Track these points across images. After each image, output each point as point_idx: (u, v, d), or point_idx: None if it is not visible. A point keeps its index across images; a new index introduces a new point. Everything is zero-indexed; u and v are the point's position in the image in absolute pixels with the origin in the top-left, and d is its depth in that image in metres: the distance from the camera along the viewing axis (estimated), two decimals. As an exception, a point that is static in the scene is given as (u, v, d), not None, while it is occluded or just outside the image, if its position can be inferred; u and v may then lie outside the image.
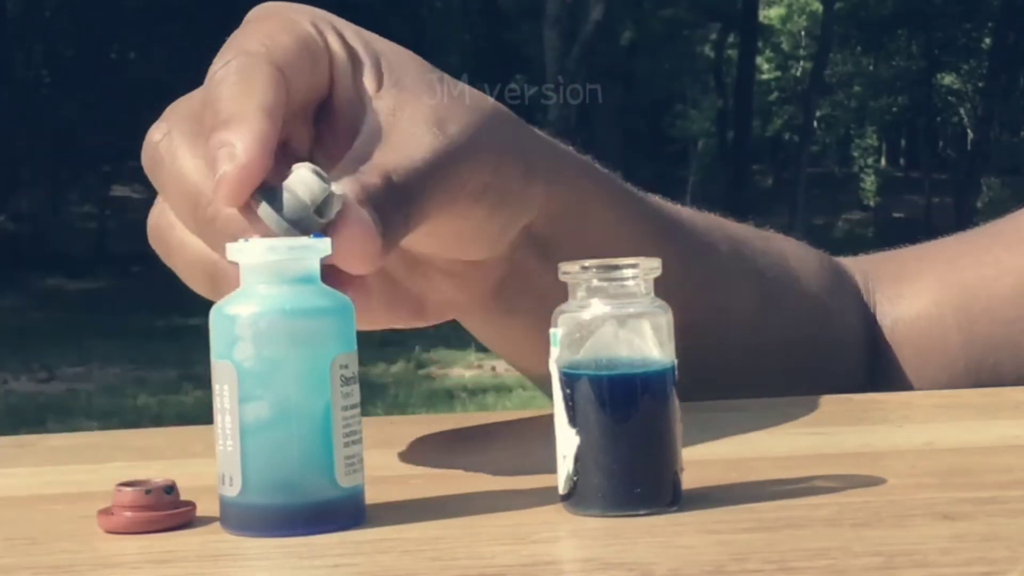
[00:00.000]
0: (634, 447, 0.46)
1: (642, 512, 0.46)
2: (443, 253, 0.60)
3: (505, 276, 0.62)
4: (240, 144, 0.50)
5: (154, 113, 0.55)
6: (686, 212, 0.72)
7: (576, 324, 0.46)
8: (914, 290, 0.77)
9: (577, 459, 0.46)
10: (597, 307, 0.46)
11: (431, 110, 0.55)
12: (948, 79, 19.67)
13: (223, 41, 0.55)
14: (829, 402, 0.66)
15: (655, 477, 0.46)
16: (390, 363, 7.73)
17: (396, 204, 0.51)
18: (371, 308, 0.58)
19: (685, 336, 0.68)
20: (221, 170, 0.50)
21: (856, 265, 0.79)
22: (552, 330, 0.47)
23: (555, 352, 0.47)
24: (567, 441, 0.46)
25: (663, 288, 0.60)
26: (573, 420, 0.46)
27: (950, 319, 0.75)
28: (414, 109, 0.54)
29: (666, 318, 0.47)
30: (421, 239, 0.56)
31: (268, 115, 0.51)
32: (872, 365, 0.76)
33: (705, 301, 0.69)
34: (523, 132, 0.61)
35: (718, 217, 0.75)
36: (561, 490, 0.47)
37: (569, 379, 0.46)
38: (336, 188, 0.49)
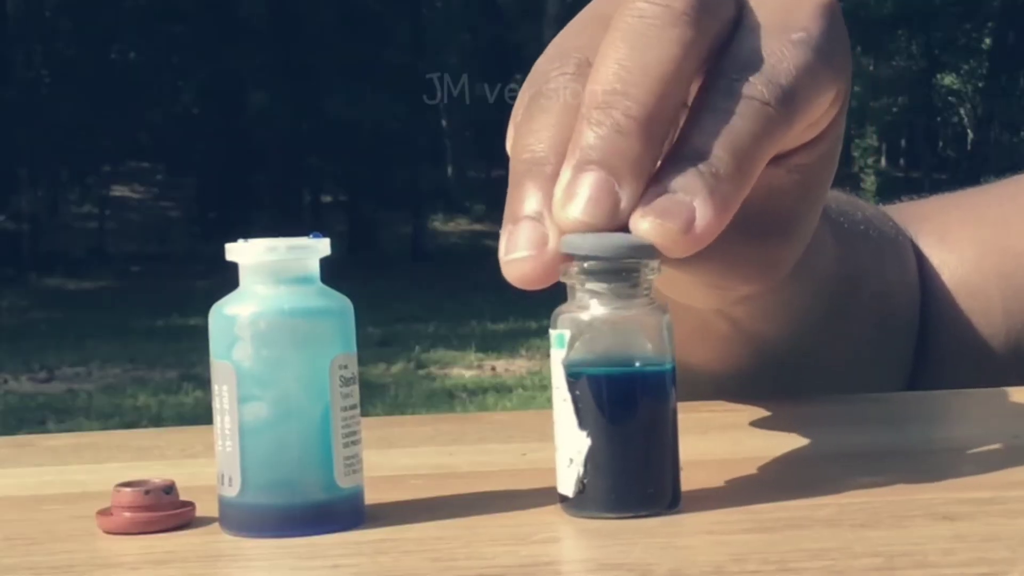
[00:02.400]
0: (647, 446, 0.46)
1: (650, 512, 0.46)
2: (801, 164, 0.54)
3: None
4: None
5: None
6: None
7: (577, 325, 0.46)
8: (958, 258, 0.75)
9: (587, 461, 0.46)
10: (596, 308, 0.46)
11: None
12: (948, 79, 19.66)
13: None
14: (828, 402, 0.66)
15: (665, 476, 0.46)
16: (390, 363, 7.74)
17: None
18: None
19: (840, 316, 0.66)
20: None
21: (899, 218, 0.77)
22: (554, 331, 0.47)
23: (560, 354, 0.46)
24: (575, 443, 0.46)
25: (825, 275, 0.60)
26: (581, 422, 0.46)
27: (993, 288, 0.74)
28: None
29: (665, 319, 0.47)
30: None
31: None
32: (924, 329, 0.75)
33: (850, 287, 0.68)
34: None
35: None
36: (569, 493, 0.46)
37: (577, 380, 0.46)
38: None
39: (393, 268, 13.93)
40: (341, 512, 0.46)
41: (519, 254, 0.46)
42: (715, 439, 0.59)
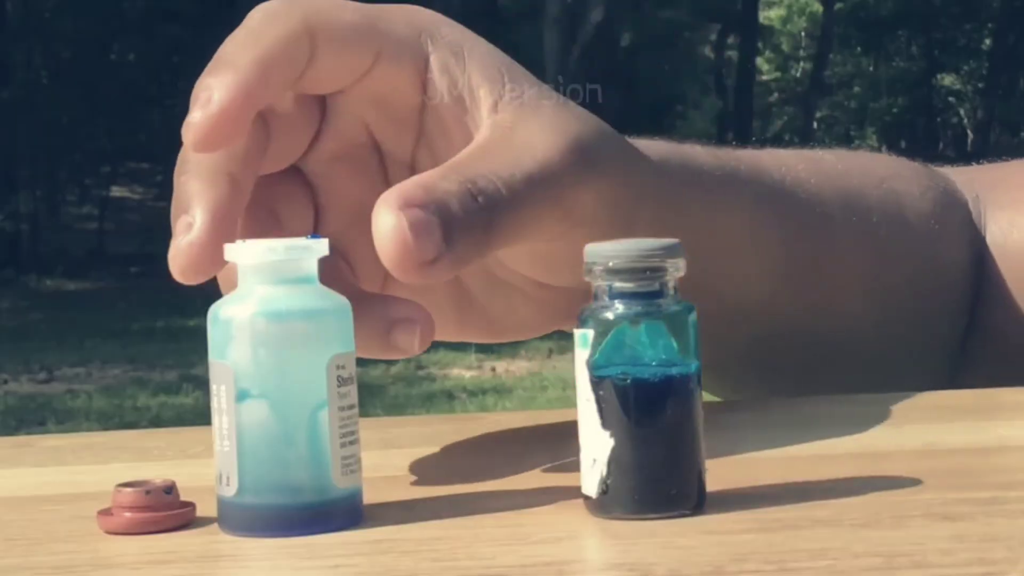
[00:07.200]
0: (670, 447, 0.46)
1: (673, 514, 0.46)
2: (530, 275, 0.57)
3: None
4: (220, 90, 0.47)
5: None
6: (801, 171, 0.67)
7: (601, 324, 0.46)
8: None
9: (610, 462, 0.46)
10: (622, 308, 0.46)
11: (548, 124, 0.52)
12: (948, 80, 19.68)
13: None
14: (828, 402, 0.66)
15: (687, 477, 0.46)
16: (390, 363, 7.73)
17: (474, 214, 0.48)
18: (441, 320, 0.55)
19: (798, 317, 0.67)
20: (194, 115, 0.47)
21: (966, 181, 0.75)
22: (579, 331, 0.47)
23: (583, 354, 0.46)
24: (599, 444, 0.46)
25: (768, 278, 0.59)
26: (605, 422, 0.46)
27: None
28: (532, 122, 0.51)
29: (691, 318, 0.47)
30: (509, 257, 0.54)
31: (260, 65, 0.48)
32: (977, 296, 0.73)
33: (816, 278, 0.67)
34: (631, 153, 0.57)
35: (833, 159, 0.70)
36: (593, 493, 0.46)
37: (600, 381, 0.46)
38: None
39: (393, 268, 13.92)
40: (338, 512, 0.46)
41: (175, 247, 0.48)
42: (714, 439, 0.59)
